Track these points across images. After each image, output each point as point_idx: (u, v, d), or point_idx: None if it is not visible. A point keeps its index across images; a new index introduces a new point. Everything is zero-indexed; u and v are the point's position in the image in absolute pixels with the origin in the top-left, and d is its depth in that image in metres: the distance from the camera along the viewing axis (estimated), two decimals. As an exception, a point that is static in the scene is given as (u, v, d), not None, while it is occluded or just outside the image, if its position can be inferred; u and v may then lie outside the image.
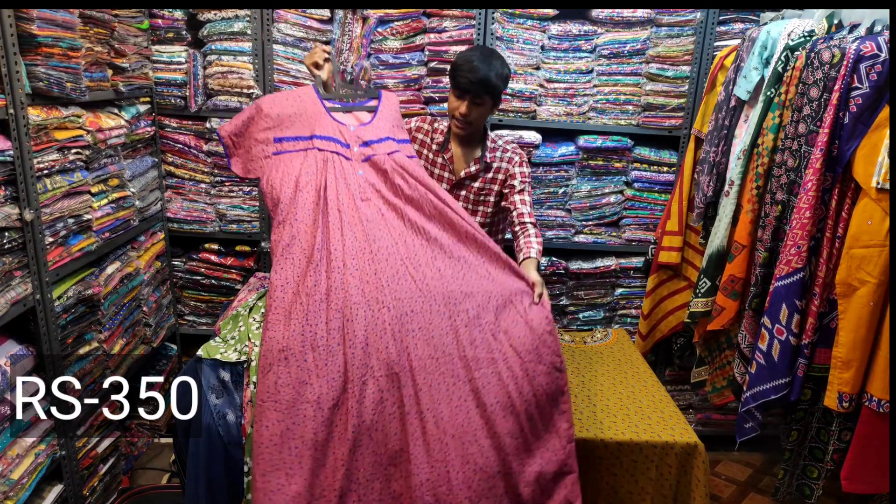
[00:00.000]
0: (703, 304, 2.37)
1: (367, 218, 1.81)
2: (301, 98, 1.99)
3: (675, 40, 2.65)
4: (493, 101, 2.12)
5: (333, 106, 2.02)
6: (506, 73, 2.08)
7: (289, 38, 2.58)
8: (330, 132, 1.92)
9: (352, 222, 1.78)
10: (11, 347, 1.78)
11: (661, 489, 1.86)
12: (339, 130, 1.93)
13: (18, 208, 1.75)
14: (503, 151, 2.23)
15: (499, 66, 2.05)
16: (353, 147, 1.92)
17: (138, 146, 2.47)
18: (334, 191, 1.82)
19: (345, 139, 1.92)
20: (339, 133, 1.93)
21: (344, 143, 1.92)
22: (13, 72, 1.68)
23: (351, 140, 1.93)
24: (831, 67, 1.81)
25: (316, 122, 1.93)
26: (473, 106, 2.07)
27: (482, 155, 2.21)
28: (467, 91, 2.04)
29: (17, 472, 1.77)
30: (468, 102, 2.06)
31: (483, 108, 2.09)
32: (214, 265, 2.83)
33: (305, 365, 1.62)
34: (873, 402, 1.78)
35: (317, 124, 1.92)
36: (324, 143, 1.90)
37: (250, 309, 2.14)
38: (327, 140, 1.91)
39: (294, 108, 1.95)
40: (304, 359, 1.63)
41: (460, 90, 2.05)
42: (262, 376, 1.66)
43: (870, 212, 1.74)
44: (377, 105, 2.07)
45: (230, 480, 1.84)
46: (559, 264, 2.85)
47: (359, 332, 1.65)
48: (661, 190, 2.83)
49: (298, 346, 1.64)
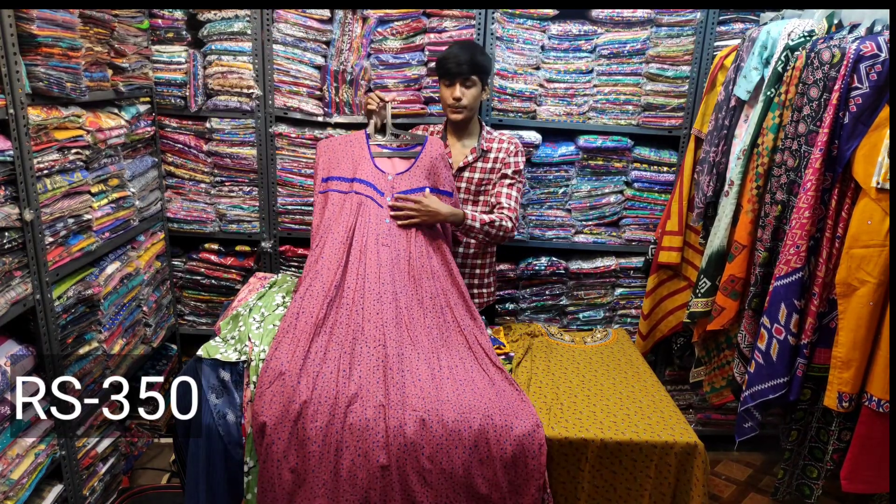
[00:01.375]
0: (703, 304, 2.37)
1: (383, 262, 2.03)
2: (352, 142, 2.25)
3: (675, 40, 2.65)
4: (482, 83, 2.29)
5: (378, 151, 2.24)
6: (488, 57, 2.32)
7: (289, 38, 2.58)
8: (369, 177, 2.16)
9: (369, 264, 2.01)
10: (11, 347, 1.78)
11: (659, 488, 1.87)
12: (377, 177, 2.17)
13: (18, 208, 1.75)
14: (500, 142, 2.37)
15: (480, 51, 2.28)
16: (387, 196, 2.15)
17: (138, 146, 2.47)
18: (362, 234, 2.07)
19: (381, 187, 2.16)
20: (377, 180, 2.16)
21: (379, 191, 2.15)
22: (13, 72, 1.68)
23: (386, 189, 2.16)
24: (831, 67, 1.81)
25: (359, 166, 2.17)
26: (464, 88, 2.25)
27: (478, 143, 2.36)
28: (458, 74, 2.22)
29: (17, 472, 1.77)
30: (459, 85, 2.24)
31: (474, 88, 2.26)
32: (214, 265, 2.84)
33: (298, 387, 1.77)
34: (873, 402, 1.78)
35: (359, 168, 2.17)
36: (362, 186, 2.14)
37: (250, 309, 2.14)
38: (365, 185, 2.15)
39: (344, 150, 2.23)
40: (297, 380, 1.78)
41: (450, 77, 2.24)
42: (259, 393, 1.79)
43: (870, 212, 1.74)
44: (419, 151, 2.24)
45: (230, 480, 1.84)
46: (559, 264, 2.85)
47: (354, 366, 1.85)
48: (661, 190, 2.83)
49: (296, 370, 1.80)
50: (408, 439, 1.72)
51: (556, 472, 1.86)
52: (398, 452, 1.72)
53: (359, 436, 1.73)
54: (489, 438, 1.74)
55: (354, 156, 2.20)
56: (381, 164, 2.21)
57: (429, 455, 1.72)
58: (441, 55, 2.28)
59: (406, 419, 1.74)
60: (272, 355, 1.83)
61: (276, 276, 2.54)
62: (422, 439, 1.73)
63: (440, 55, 2.29)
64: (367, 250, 2.03)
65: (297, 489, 1.73)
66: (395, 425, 1.73)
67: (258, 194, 2.76)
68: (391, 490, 1.72)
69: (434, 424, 1.74)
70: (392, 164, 2.23)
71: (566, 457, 1.85)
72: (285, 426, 1.73)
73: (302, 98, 2.66)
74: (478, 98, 2.30)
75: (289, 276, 2.54)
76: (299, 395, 1.75)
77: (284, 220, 2.82)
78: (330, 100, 2.65)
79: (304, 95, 2.66)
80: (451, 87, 2.25)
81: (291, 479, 1.73)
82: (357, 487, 1.71)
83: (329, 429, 1.73)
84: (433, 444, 1.73)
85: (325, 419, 1.73)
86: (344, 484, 1.72)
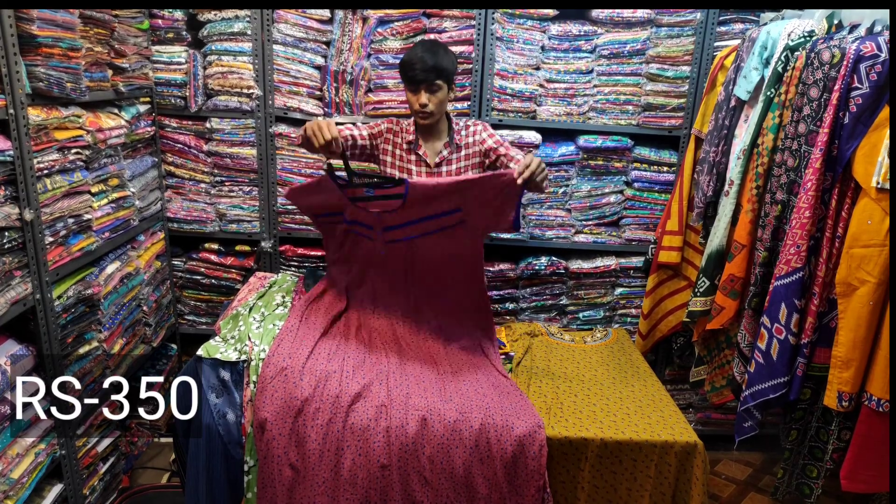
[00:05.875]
0: (703, 304, 2.37)
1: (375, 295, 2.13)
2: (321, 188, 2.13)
3: (675, 40, 2.65)
4: (448, 86, 2.21)
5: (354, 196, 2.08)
6: (451, 57, 2.20)
7: (289, 39, 2.58)
8: (351, 216, 2.13)
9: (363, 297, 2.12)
10: (11, 347, 1.78)
11: (659, 488, 1.87)
12: (363, 216, 2.10)
13: (18, 208, 1.75)
14: (465, 128, 2.34)
15: (443, 52, 2.18)
16: (376, 230, 2.09)
17: (138, 146, 2.47)
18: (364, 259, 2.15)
19: (368, 222, 2.10)
20: (362, 216, 2.10)
21: (367, 226, 2.11)
22: (13, 72, 1.68)
23: (374, 224, 2.09)
24: (831, 67, 1.81)
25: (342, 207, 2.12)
26: (430, 94, 2.16)
27: (451, 140, 2.31)
28: (422, 81, 2.13)
29: (17, 472, 1.77)
30: (424, 91, 2.15)
31: (440, 93, 2.18)
32: (214, 265, 2.83)
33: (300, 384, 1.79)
34: (873, 402, 1.78)
35: (344, 209, 2.12)
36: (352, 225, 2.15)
37: (250, 308, 2.14)
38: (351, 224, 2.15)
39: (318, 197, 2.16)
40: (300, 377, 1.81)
41: (415, 83, 2.15)
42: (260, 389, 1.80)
43: (870, 211, 1.74)
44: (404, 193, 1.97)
45: (230, 480, 1.84)
46: (559, 264, 2.85)
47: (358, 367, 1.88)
48: (661, 190, 2.83)
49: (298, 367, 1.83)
50: (409, 439, 1.72)
51: (556, 472, 1.86)
52: (399, 452, 1.72)
53: (360, 435, 1.73)
54: (490, 438, 1.74)
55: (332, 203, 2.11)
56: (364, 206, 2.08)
57: (429, 455, 1.73)
58: (404, 59, 2.17)
59: (408, 419, 1.74)
60: (274, 351, 1.84)
61: (276, 276, 2.54)
62: (423, 438, 1.73)
63: (403, 58, 2.18)
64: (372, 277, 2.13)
65: (296, 486, 1.74)
66: (396, 425, 1.74)
67: (258, 194, 2.76)
68: (391, 489, 1.73)
69: (435, 423, 1.74)
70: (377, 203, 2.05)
71: (566, 456, 1.85)
72: (286, 422, 1.73)
73: (302, 98, 2.66)
74: (445, 101, 2.21)
75: (288, 276, 2.54)
76: (301, 392, 1.76)
77: (284, 220, 2.82)
78: (330, 100, 2.65)
79: (304, 96, 2.66)
80: (416, 94, 2.16)
81: (291, 476, 1.73)
82: (357, 487, 1.72)
83: (330, 427, 1.74)
84: (434, 443, 1.73)
85: (326, 417, 1.74)
86: (344, 483, 1.72)
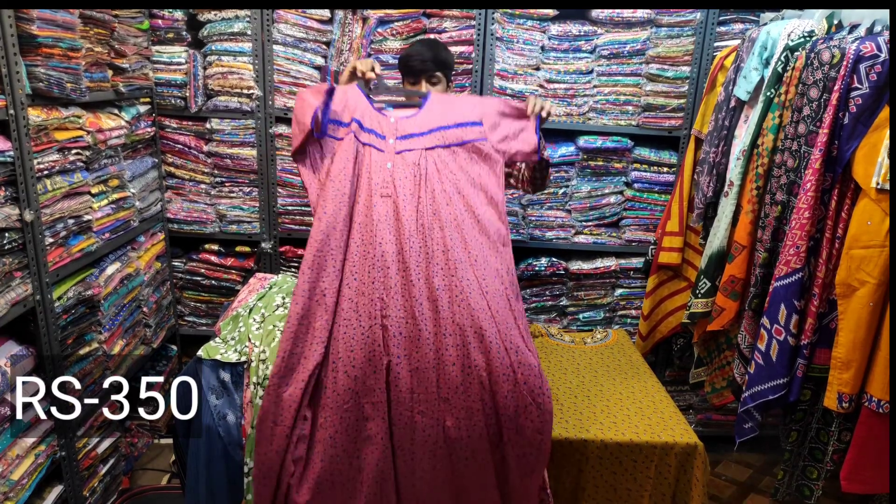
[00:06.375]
0: (703, 305, 2.37)
1: (379, 217, 1.80)
2: (346, 91, 1.98)
3: (675, 41, 2.65)
4: (447, 79, 2.20)
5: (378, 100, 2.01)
6: (450, 55, 2.21)
7: (289, 39, 2.58)
8: (369, 123, 1.93)
9: (364, 222, 1.81)
10: (11, 348, 1.78)
11: (660, 489, 1.87)
12: (378, 121, 1.93)
13: (18, 209, 1.75)
14: None
15: (442, 48, 2.19)
16: (389, 139, 1.90)
17: (138, 147, 2.47)
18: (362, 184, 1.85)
19: (382, 130, 1.92)
20: (377, 124, 1.92)
21: (380, 135, 1.91)
22: (13, 72, 1.68)
23: (388, 132, 1.91)
24: (831, 68, 1.81)
25: (356, 109, 1.94)
26: (429, 85, 2.15)
27: None
28: (422, 72, 2.12)
29: (18, 473, 1.77)
30: (424, 82, 2.15)
31: (439, 86, 2.17)
32: (214, 266, 2.84)
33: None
34: (873, 403, 1.77)
35: (357, 111, 1.93)
36: (362, 133, 1.91)
37: (250, 310, 2.14)
38: (366, 132, 1.91)
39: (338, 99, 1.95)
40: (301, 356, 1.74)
41: (414, 75, 2.14)
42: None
43: (869, 212, 1.74)
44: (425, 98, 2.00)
45: (230, 481, 1.84)
46: (559, 265, 2.85)
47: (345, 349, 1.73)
48: (661, 190, 2.83)
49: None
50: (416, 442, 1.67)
51: (556, 473, 1.86)
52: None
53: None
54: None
55: (350, 103, 1.96)
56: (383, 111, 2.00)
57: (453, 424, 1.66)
58: (404, 54, 2.21)
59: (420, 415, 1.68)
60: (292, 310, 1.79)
61: (277, 277, 2.54)
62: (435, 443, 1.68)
63: (403, 54, 2.21)
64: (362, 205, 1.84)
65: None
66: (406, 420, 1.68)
67: (258, 195, 2.76)
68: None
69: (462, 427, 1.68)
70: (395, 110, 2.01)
71: (566, 457, 1.85)
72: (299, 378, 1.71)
73: (302, 98, 2.66)
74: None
75: (289, 277, 2.54)
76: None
77: (285, 221, 2.82)
78: (330, 100, 2.65)
79: (304, 96, 2.66)
80: (416, 86, 2.17)
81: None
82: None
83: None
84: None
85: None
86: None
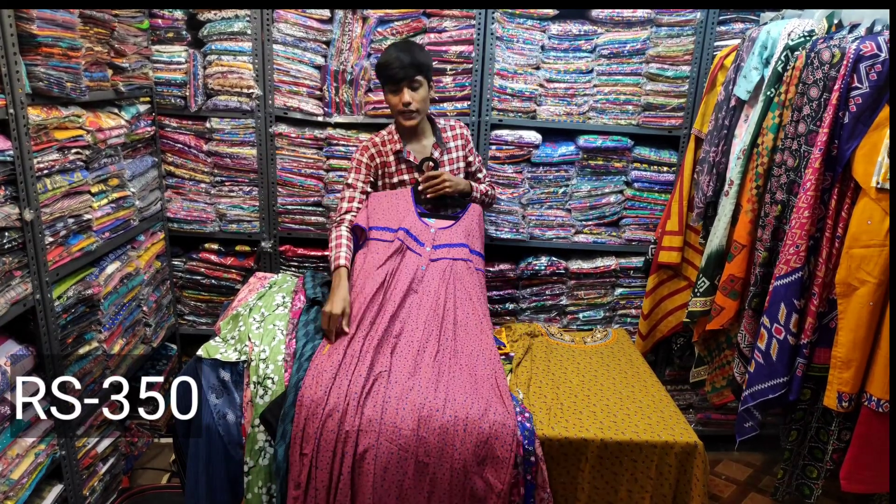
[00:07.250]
0: (703, 304, 2.37)
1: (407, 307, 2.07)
2: (398, 196, 2.32)
3: (675, 40, 2.65)
4: (428, 82, 2.24)
5: (423, 211, 2.33)
6: (427, 54, 2.28)
7: (289, 38, 2.58)
8: (413, 230, 2.23)
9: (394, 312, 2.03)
10: (11, 347, 1.78)
11: (660, 489, 1.87)
12: (420, 230, 2.24)
13: (18, 208, 1.75)
14: (451, 129, 2.42)
15: (417, 49, 2.24)
16: (427, 247, 2.21)
17: (138, 146, 2.47)
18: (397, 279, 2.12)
19: (422, 239, 2.23)
20: (420, 232, 2.24)
21: (420, 242, 2.22)
22: (13, 72, 1.68)
23: (427, 240, 2.23)
24: (831, 67, 1.81)
25: (405, 218, 2.24)
26: (412, 91, 2.19)
27: (438, 140, 2.37)
28: (402, 79, 2.16)
29: (17, 472, 1.77)
30: (406, 89, 2.18)
31: (421, 90, 2.21)
32: (214, 265, 2.84)
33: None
34: (873, 402, 1.78)
35: (405, 220, 2.24)
36: (407, 238, 2.21)
37: (250, 309, 2.14)
38: (410, 237, 2.22)
39: (389, 203, 2.30)
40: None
41: (395, 82, 2.18)
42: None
43: (869, 212, 1.74)
44: (461, 213, 2.36)
45: (230, 480, 1.84)
46: (559, 264, 2.85)
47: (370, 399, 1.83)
48: (661, 190, 2.83)
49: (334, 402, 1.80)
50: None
51: (556, 473, 1.86)
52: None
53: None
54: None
55: (400, 209, 2.28)
56: (426, 220, 2.31)
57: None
58: (380, 60, 2.21)
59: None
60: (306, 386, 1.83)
61: (276, 276, 2.54)
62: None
63: (379, 60, 2.22)
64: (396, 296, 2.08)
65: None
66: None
67: (258, 194, 2.76)
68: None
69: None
70: (435, 221, 2.33)
71: (566, 457, 1.85)
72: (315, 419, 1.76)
73: (302, 98, 2.66)
74: (426, 98, 2.26)
75: (289, 276, 2.54)
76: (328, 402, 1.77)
77: (284, 220, 2.82)
78: (330, 100, 2.65)
79: (304, 95, 2.66)
80: (398, 93, 2.20)
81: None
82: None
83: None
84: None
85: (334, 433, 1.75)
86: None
